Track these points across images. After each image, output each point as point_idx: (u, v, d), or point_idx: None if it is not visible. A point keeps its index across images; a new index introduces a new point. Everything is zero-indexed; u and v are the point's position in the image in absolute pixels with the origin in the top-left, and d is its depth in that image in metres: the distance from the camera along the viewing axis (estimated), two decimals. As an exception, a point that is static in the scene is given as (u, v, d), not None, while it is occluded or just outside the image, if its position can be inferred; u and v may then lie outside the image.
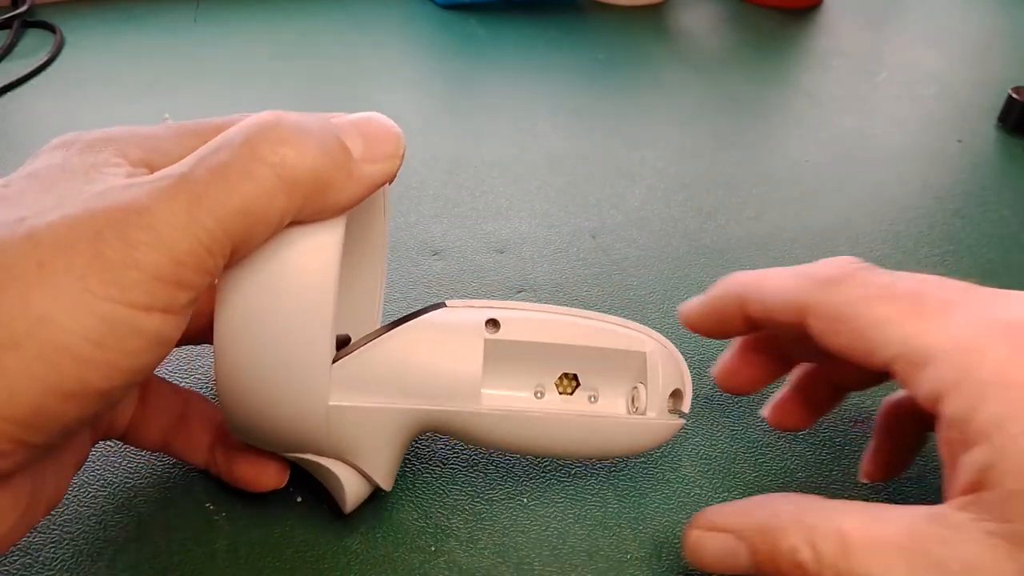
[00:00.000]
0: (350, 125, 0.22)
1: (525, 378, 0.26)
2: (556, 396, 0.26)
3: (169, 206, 0.18)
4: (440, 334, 0.25)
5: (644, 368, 0.26)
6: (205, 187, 0.18)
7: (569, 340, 0.26)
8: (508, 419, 0.25)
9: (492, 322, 0.25)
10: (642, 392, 0.26)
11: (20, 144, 0.45)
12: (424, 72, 0.59)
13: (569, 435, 0.26)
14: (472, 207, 0.43)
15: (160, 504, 0.27)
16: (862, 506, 0.22)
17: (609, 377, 0.27)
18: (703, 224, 0.44)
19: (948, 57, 0.68)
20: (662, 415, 0.26)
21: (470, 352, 0.25)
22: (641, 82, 0.59)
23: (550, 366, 0.26)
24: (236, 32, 0.61)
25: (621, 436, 0.26)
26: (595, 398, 0.27)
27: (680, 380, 0.27)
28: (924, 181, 0.50)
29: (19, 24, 0.57)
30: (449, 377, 0.24)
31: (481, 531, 0.27)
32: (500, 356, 0.25)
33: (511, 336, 0.25)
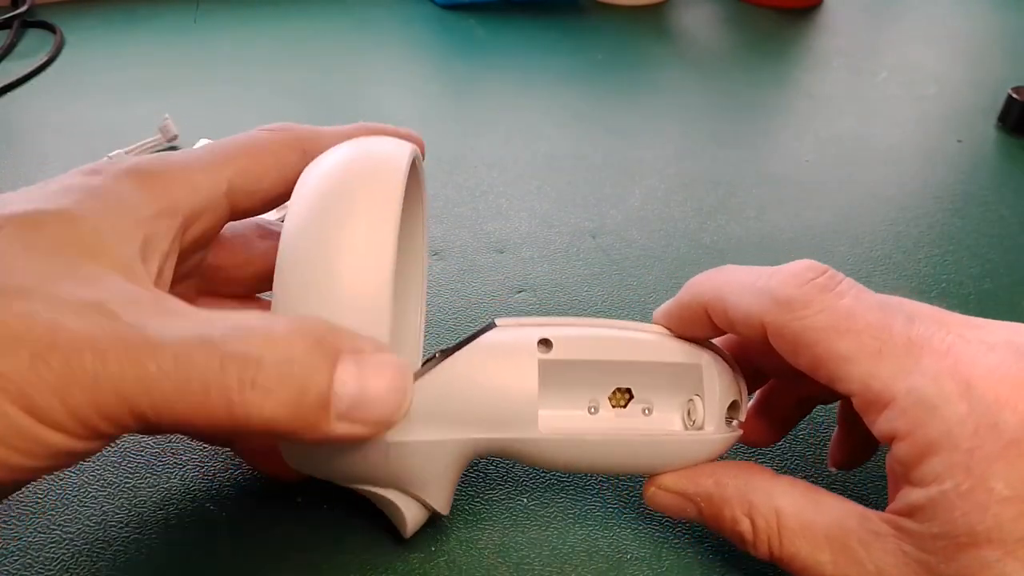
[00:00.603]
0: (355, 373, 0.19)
1: (579, 394, 0.26)
2: (610, 411, 0.26)
3: (122, 370, 0.17)
4: (495, 361, 0.24)
5: (700, 380, 0.26)
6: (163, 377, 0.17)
7: (622, 356, 0.25)
8: (566, 444, 0.25)
9: (544, 342, 0.25)
10: (698, 405, 0.26)
11: (20, 144, 0.45)
12: (424, 72, 0.59)
13: (627, 455, 0.25)
14: (472, 207, 0.43)
15: (160, 504, 0.27)
16: (805, 490, 0.24)
17: (663, 390, 0.26)
18: (703, 224, 0.44)
19: (948, 57, 0.68)
20: (720, 428, 0.26)
21: (525, 377, 0.24)
22: (641, 82, 0.59)
23: (603, 381, 0.26)
24: (236, 33, 0.61)
25: (680, 453, 0.26)
26: (649, 411, 0.26)
27: (737, 391, 0.26)
28: (924, 181, 0.50)
29: (19, 24, 0.57)
30: (506, 405, 0.24)
31: (481, 531, 0.27)
32: (553, 375, 0.25)
33: (564, 356, 0.25)
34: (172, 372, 0.17)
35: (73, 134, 0.46)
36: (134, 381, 0.17)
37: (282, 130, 0.25)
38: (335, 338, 0.19)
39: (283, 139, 0.25)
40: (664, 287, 0.39)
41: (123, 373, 0.17)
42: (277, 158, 0.25)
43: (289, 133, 0.25)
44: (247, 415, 0.18)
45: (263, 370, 0.18)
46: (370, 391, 0.19)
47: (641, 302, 0.38)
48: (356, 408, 0.19)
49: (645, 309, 0.37)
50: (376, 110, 0.52)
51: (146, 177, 0.21)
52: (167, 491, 0.27)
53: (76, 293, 0.18)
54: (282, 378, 0.18)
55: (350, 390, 0.19)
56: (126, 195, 0.21)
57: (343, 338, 0.19)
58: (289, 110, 0.50)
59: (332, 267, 0.21)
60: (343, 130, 0.27)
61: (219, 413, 0.18)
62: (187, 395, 0.17)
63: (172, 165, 0.22)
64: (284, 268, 0.21)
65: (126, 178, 0.21)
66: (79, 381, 0.17)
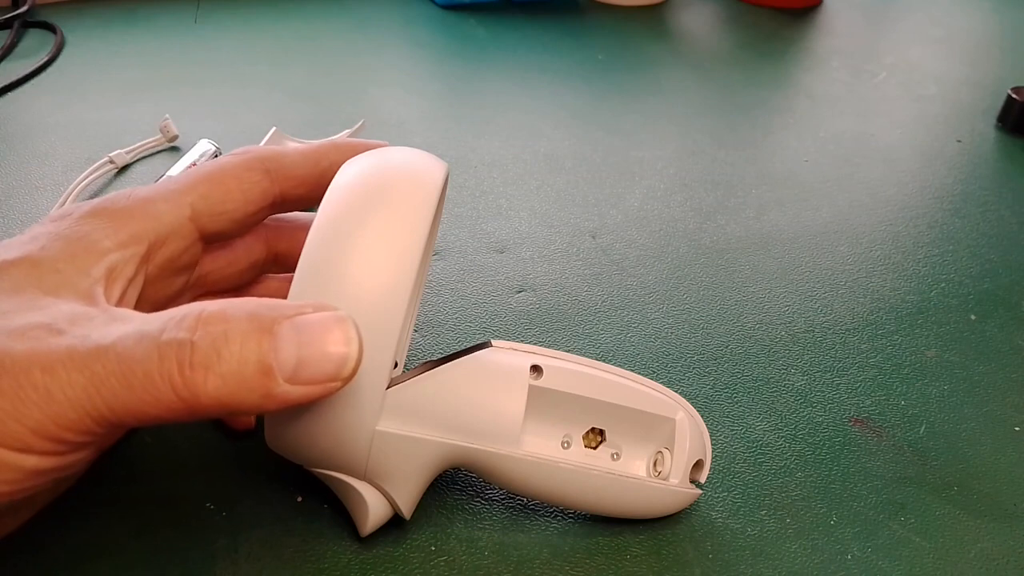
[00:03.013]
0: (293, 335, 0.19)
1: (556, 427, 0.26)
2: (581, 448, 0.27)
3: (70, 377, 0.18)
4: (489, 375, 0.25)
5: (672, 434, 0.27)
6: (109, 376, 0.18)
7: (605, 397, 0.26)
8: (540, 466, 0.25)
9: (536, 368, 0.26)
10: (667, 457, 0.27)
11: (20, 144, 0.45)
12: (424, 73, 0.59)
13: (594, 490, 0.26)
14: (472, 207, 0.43)
15: (160, 504, 0.27)
16: None
17: (635, 438, 0.27)
18: (703, 224, 0.44)
19: (947, 57, 0.68)
20: (683, 483, 0.27)
21: (516, 396, 0.25)
22: (641, 82, 0.59)
23: (581, 419, 0.27)
24: (236, 32, 0.61)
25: (644, 498, 0.26)
26: (617, 456, 0.27)
27: (703, 451, 0.27)
28: (923, 181, 0.50)
29: (19, 24, 0.57)
30: (494, 418, 0.25)
31: (481, 531, 0.27)
32: (537, 402, 0.26)
33: (552, 385, 0.26)
34: (116, 369, 0.18)
35: (73, 134, 0.46)
36: (85, 386, 0.18)
37: (244, 152, 0.27)
38: (269, 309, 0.20)
39: (245, 162, 0.26)
40: (664, 287, 0.39)
41: (72, 380, 0.18)
42: (239, 180, 0.26)
43: (250, 155, 0.26)
44: (195, 395, 0.19)
45: (198, 350, 0.18)
46: (312, 350, 0.19)
47: (641, 302, 0.38)
48: (302, 369, 0.19)
49: (645, 309, 0.37)
50: (376, 110, 0.52)
51: (110, 213, 0.23)
52: (167, 491, 0.27)
53: (27, 319, 0.19)
54: (218, 353, 0.19)
55: (290, 353, 0.19)
56: (88, 232, 0.22)
57: (281, 307, 0.20)
58: (289, 110, 0.50)
59: (356, 264, 0.22)
60: (309, 146, 0.28)
61: (169, 398, 0.18)
62: (135, 388, 0.18)
63: (134, 198, 0.24)
64: (308, 258, 0.22)
65: (90, 217, 0.22)
66: (32, 399, 0.17)
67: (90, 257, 0.21)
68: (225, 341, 0.19)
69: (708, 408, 0.32)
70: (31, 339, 0.18)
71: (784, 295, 0.39)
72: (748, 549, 0.27)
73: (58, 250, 0.21)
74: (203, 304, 0.20)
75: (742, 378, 0.34)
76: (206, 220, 0.25)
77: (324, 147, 0.27)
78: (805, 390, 0.34)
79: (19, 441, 0.18)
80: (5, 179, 0.42)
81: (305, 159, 0.27)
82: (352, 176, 0.24)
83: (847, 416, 0.33)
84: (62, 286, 0.20)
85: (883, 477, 0.30)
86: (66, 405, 0.18)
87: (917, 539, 0.28)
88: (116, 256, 0.22)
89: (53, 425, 0.18)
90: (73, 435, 0.18)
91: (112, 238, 0.22)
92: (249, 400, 0.19)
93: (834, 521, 0.28)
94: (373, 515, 0.25)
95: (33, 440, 0.18)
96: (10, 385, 0.17)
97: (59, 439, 0.18)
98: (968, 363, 0.36)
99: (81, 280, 0.21)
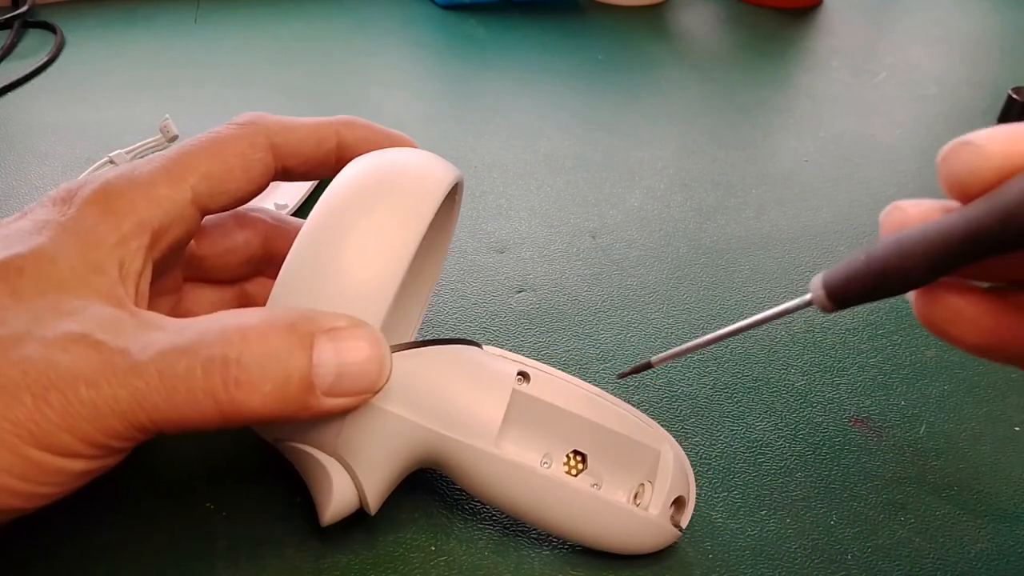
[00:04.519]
0: (332, 351, 0.21)
1: (538, 442, 0.26)
2: (561, 472, 0.26)
3: (115, 393, 0.19)
4: (474, 368, 0.25)
5: (655, 467, 0.26)
6: (152, 392, 0.19)
7: (591, 416, 0.25)
8: (516, 470, 0.24)
9: (523, 374, 0.25)
10: (647, 491, 0.26)
11: (20, 144, 0.45)
12: (424, 73, 0.59)
13: (568, 508, 0.25)
14: (472, 207, 0.43)
15: (160, 504, 0.27)
16: None
17: (618, 467, 0.26)
18: (703, 224, 0.44)
19: (948, 57, 0.68)
20: (663, 518, 0.25)
21: (498, 394, 0.24)
22: (641, 82, 0.59)
23: (565, 439, 0.26)
24: (236, 33, 0.61)
25: (620, 525, 0.25)
26: (597, 487, 0.26)
27: (686, 489, 0.26)
28: (923, 181, 0.50)
29: (19, 24, 0.57)
30: (473, 411, 0.24)
31: (481, 531, 0.27)
32: (520, 411, 0.25)
33: (538, 393, 0.25)
34: (159, 386, 0.19)
35: (73, 134, 0.46)
36: (129, 400, 0.19)
37: (250, 123, 0.25)
38: (307, 321, 0.21)
39: (249, 137, 0.25)
40: (664, 287, 0.39)
41: (117, 395, 0.18)
42: (242, 158, 0.25)
43: (256, 128, 0.25)
44: (238, 411, 0.19)
45: (244, 369, 0.19)
46: (349, 364, 0.21)
47: (641, 302, 0.38)
48: (339, 382, 0.21)
49: (645, 309, 0.37)
50: (376, 110, 0.52)
51: (112, 201, 0.22)
52: (167, 491, 0.27)
53: (62, 328, 0.19)
54: (264, 372, 0.19)
55: (330, 368, 0.20)
56: (94, 225, 0.22)
57: (316, 319, 0.21)
58: (289, 110, 0.50)
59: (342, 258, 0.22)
60: (318, 122, 0.26)
61: (211, 413, 0.19)
62: (178, 404, 0.19)
63: (136, 182, 0.23)
64: (298, 246, 0.22)
65: (92, 206, 0.22)
66: (81, 412, 0.18)
67: (100, 252, 0.21)
68: (268, 358, 0.20)
69: (708, 408, 0.32)
70: (72, 352, 0.19)
71: (784, 295, 0.39)
72: (748, 549, 0.27)
73: (69, 245, 0.21)
74: (240, 316, 0.20)
75: (742, 378, 0.34)
76: (207, 200, 0.24)
77: (334, 124, 0.26)
78: (805, 390, 0.34)
79: (68, 449, 0.19)
80: (5, 179, 0.42)
81: (313, 136, 0.26)
82: (354, 172, 0.24)
83: (847, 416, 0.33)
84: (82, 286, 0.20)
85: (883, 477, 0.30)
86: (112, 418, 0.19)
87: (917, 539, 0.28)
88: (123, 251, 0.22)
89: (100, 435, 0.19)
90: (118, 442, 0.19)
91: (116, 231, 0.22)
92: (287, 412, 0.20)
93: (834, 521, 0.28)
94: (337, 499, 0.24)
95: (81, 447, 0.19)
96: (59, 400, 0.18)
97: (105, 446, 0.19)
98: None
99: (99, 279, 0.21)
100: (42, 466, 0.18)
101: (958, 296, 0.19)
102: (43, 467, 0.18)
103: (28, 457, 0.18)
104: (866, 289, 0.18)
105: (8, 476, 0.18)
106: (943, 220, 0.17)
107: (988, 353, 0.19)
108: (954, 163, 0.18)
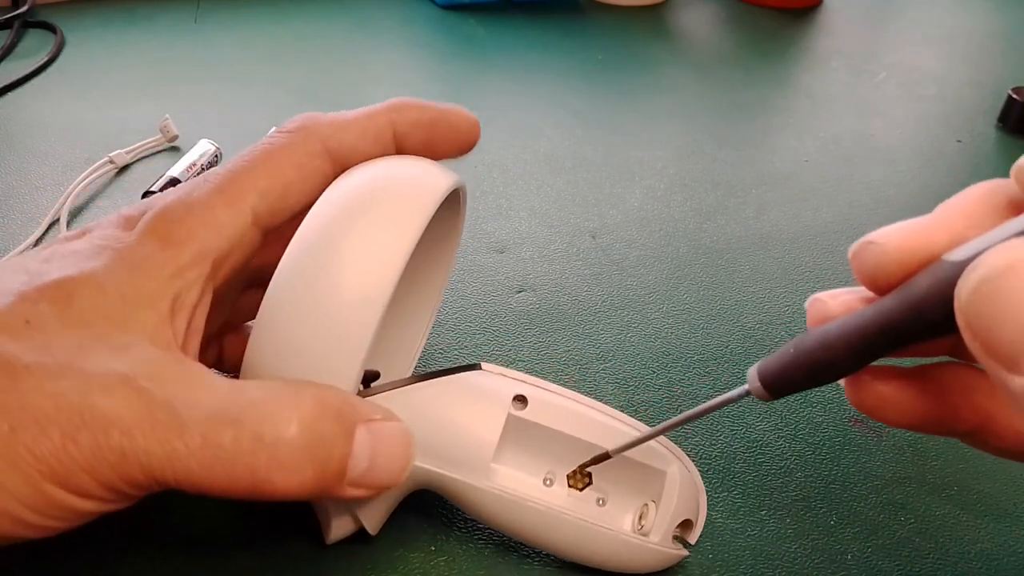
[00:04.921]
0: (368, 443, 0.21)
1: (539, 462, 0.25)
2: (564, 489, 0.25)
3: (148, 446, 0.18)
4: (467, 399, 0.24)
5: (661, 488, 0.25)
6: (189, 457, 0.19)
7: (593, 439, 0.25)
8: (509, 503, 0.24)
9: (520, 398, 0.25)
10: (651, 512, 0.25)
11: (20, 144, 0.45)
12: (424, 73, 0.59)
13: (563, 536, 0.25)
14: (472, 207, 0.43)
15: (160, 504, 0.27)
16: None
17: (623, 487, 0.26)
18: (703, 224, 0.44)
19: (947, 57, 0.68)
20: (665, 541, 0.25)
21: (490, 425, 0.24)
22: (641, 82, 0.59)
23: (567, 457, 0.25)
24: (236, 32, 0.61)
25: (616, 552, 0.25)
26: (603, 502, 0.25)
27: (694, 510, 0.26)
28: (924, 181, 0.50)
29: (19, 24, 0.57)
30: (463, 446, 0.24)
31: (481, 531, 0.27)
32: (520, 434, 0.25)
33: (535, 418, 0.25)
34: (199, 451, 0.18)
35: (73, 134, 0.46)
36: (161, 457, 0.18)
37: (302, 130, 0.24)
38: (351, 409, 0.21)
39: (303, 145, 0.24)
40: (664, 287, 0.39)
41: (150, 449, 0.18)
42: (300, 170, 0.23)
43: (309, 134, 0.24)
44: (272, 490, 0.19)
45: (292, 452, 0.19)
46: (380, 460, 0.21)
47: (641, 302, 0.38)
48: (367, 475, 0.21)
49: (645, 309, 0.37)
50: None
51: (170, 229, 0.21)
52: (167, 491, 0.27)
53: (106, 366, 0.19)
54: (309, 458, 0.20)
55: (363, 460, 0.21)
56: (150, 254, 0.21)
57: (358, 408, 0.21)
58: (289, 110, 0.50)
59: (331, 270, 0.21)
60: (370, 113, 0.25)
61: (242, 486, 0.19)
62: (213, 472, 0.19)
63: (192, 208, 0.22)
64: (287, 260, 0.21)
65: (151, 236, 0.21)
66: (107, 458, 0.18)
67: (153, 284, 0.21)
68: (315, 444, 0.20)
69: (708, 408, 0.32)
70: (114, 396, 0.18)
71: (784, 295, 0.39)
72: (748, 549, 0.27)
73: (122, 274, 0.20)
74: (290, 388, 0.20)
75: (742, 378, 0.34)
76: (267, 220, 0.23)
77: (386, 113, 0.25)
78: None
79: (85, 490, 0.18)
80: (5, 179, 0.42)
81: (369, 132, 0.24)
82: (345, 181, 0.23)
83: (847, 416, 0.33)
84: (130, 320, 0.20)
85: (883, 477, 0.30)
86: (138, 470, 0.18)
87: (917, 539, 0.28)
88: (179, 283, 0.21)
89: (120, 482, 0.18)
90: (135, 491, 0.19)
91: (174, 261, 0.21)
92: (313, 492, 0.20)
93: (834, 521, 0.28)
94: (336, 527, 0.24)
95: (98, 490, 0.18)
96: (87, 441, 0.18)
97: (120, 492, 0.19)
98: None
99: (148, 315, 0.20)
100: (55, 502, 0.18)
101: (883, 383, 0.20)
102: (56, 503, 0.18)
103: (44, 492, 0.18)
104: (796, 381, 0.20)
105: (21, 507, 0.18)
106: (861, 313, 0.18)
107: (919, 430, 0.21)
108: (862, 260, 0.19)
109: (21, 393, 0.18)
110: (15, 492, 0.18)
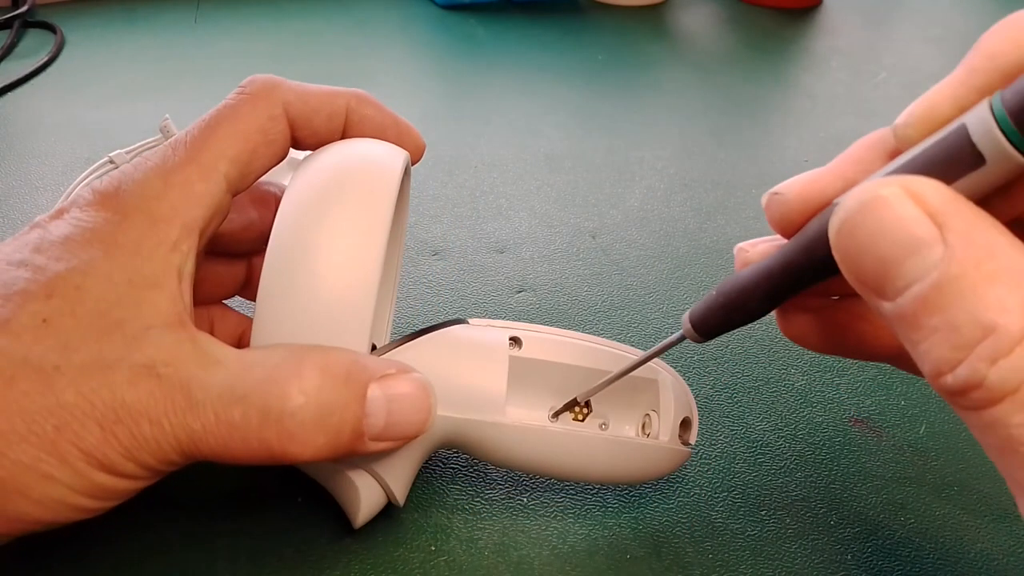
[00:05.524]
0: (383, 399, 0.21)
1: (541, 399, 0.27)
2: (568, 421, 0.27)
3: (174, 431, 0.20)
4: (467, 347, 0.25)
5: (656, 396, 0.27)
6: (207, 434, 0.20)
7: (586, 363, 0.26)
8: (530, 433, 0.25)
9: (514, 340, 0.26)
10: (654, 419, 0.27)
11: (20, 144, 0.45)
12: (424, 72, 0.59)
13: (585, 454, 0.26)
14: (472, 207, 0.43)
15: (160, 504, 0.27)
16: None
17: (621, 404, 0.27)
18: (703, 224, 0.44)
19: (948, 57, 0.68)
20: (673, 441, 0.27)
21: (497, 365, 0.25)
22: (641, 82, 0.59)
23: (565, 388, 0.26)
24: (236, 32, 0.61)
25: (636, 458, 0.26)
26: (606, 426, 0.27)
27: (689, 409, 0.27)
28: (924, 181, 0.50)
29: (19, 24, 0.57)
30: (478, 388, 0.25)
31: (481, 531, 0.27)
32: (520, 374, 0.26)
33: (532, 355, 0.26)
34: (215, 429, 0.20)
35: (73, 134, 0.46)
36: (186, 438, 0.20)
37: (263, 94, 0.25)
38: (362, 370, 0.21)
39: (267, 109, 0.24)
40: (664, 287, 0.39)
41: (176, 433, 0.20)
42: (264, 135, 0.24)
43: (272, 97, 0.25)
44: (292, 459, 0.21)
45: (300, 424, 0.20)
46: (397, 412, 0.22)
47: (641, 302, 0.38)
48: (388, 429, 0.22)
49: (645, 309, 0.37)
50: (376, 110, 0.52)
51: (154, 206, 0.22)
52: (167, 491, 0.27)
53: (129, 360, 0.20)
54: (319, 426, 0.20)
55: (380, 417, 0.21)
56: (144, 236, 0.21)
57: (369, 367, 0.21)
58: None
59: (318, 267, 0.22)
60: (332, 92, 0.26)
61: (262, 456, 0.20)
62: (231, 447, 0.20)
63: (172, 181, 0.22)
64: (271, 266, 0.22)
65: (138, 215, 0.21)
66: (144, 447, 0.20)
67: (155, 264, 0.21)
68: (323, 413, 0.20)
69: (708, 408, 0.32)
70: (139, 388, 0.19)
71: (784, 295, 0.39)
72: (748, 549, 0.27)
73: (123, 259, 0.21)
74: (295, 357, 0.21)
75: (742, 378, 0.34)
76: (237, 184, 0.24)
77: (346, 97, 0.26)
78: (805, 390, 0.34)
79: (128, 472, 0.20)
80: (5, 179, 0.42)
81: (326, 108, 0.25)
82: (310, 173, 0.24)
83: (847, 416, 0.33)
84: (142, 303, 0.20)
85: (883, 477, 0.30)
86: (172, 451, 0.20)
87: (917, 539, 0.28)
88: (177, 258, 0.21)
89: (156, 462, 0.20)
90: (167, 467, 0.21)
91: (167, 239, 0.21)
92: (334, 456, 0.21)
93: (834, 521, 0.28)
94: (366, 504, 0.25)
95: (140, 472, 0.20)
96: (124, 433, 0.19)
97: (155, 469, 0.20)
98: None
99: (157, 295, 0.21)
100: (104, 487, 0.20)
101: (802, 316, 0.23)
102: (105, 488, 0.20)
103: (93, 480, 0.19)
104: (720, 321, 0.21)
105: (76, 495, 0.19)
106: (772, 257, 0.20)
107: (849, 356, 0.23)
108: (771, 210, 0.21)
109: (56, 393, 0.19)
110: (69, 483, 0.19)
